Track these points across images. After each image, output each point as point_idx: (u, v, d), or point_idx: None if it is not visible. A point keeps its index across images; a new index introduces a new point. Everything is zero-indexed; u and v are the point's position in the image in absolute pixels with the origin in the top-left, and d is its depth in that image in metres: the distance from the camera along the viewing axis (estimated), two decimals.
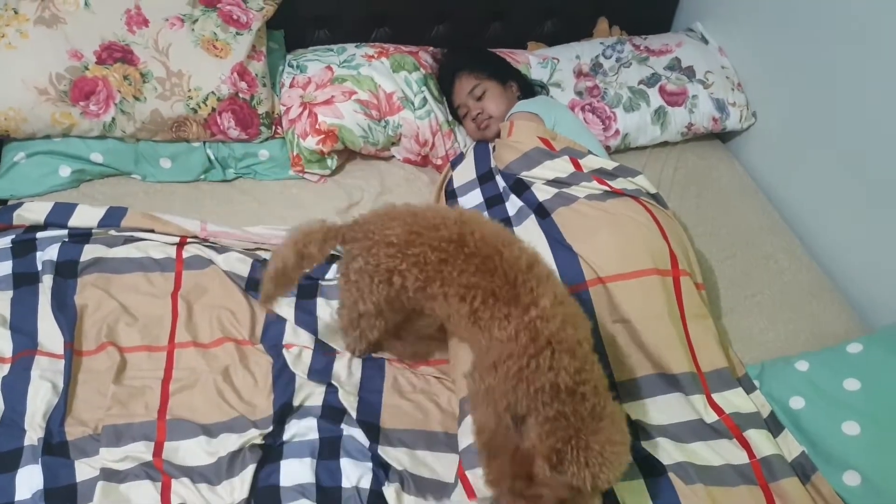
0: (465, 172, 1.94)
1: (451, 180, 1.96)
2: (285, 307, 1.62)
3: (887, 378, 1.43)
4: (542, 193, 1.73)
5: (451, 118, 2.07)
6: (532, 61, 2.23)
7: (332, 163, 1.98)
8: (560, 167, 1.76)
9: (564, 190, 1.71)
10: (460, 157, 2.00)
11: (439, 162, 2.06)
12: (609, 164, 1.79)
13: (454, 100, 2.05)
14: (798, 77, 1.99)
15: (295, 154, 1.94)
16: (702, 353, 1.56)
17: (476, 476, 1.29)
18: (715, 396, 1.52)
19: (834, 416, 1.44)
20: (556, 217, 1.66)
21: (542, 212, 1.69)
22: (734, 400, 1.52)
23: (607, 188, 1.71)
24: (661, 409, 1.50)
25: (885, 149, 1.72)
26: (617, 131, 2.12)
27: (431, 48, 2.19)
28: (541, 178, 1.75)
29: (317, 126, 1.91)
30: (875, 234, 1.80)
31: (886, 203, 1.75)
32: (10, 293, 1.56)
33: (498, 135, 1.95)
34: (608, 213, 1.64)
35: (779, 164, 2.13)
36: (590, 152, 1.82)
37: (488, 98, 2.00)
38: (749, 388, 1.56)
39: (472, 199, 1.87)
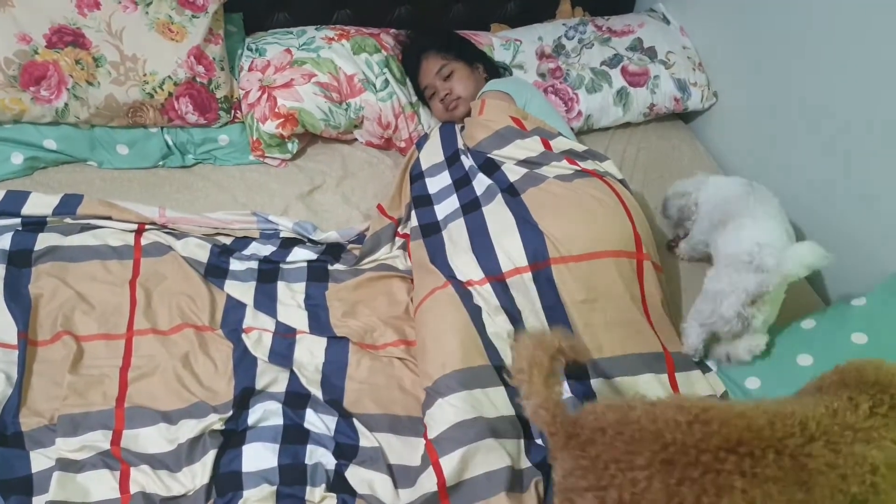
0: (433, 154, 1.91)
1: (417, 163, 1.93)
2: (246, 292, 1.61)
3: (838, 354, 1.45)
4: (513, 174, 1.72)
5: (414, 100, 2.05)
6: (495, 43, 2.22)
7: (292, 147, 1.96)
8: (531, 146, 1.76)
9: (535, 170, 1.71)
10: (424, 139, 1.97)
11: (402, 144, 2.05)
12: (578, 147, 1.80)
13: (420, 80, 2.03)
14: (759, 56, 2.00)
15: (255, 138, 1.92)
16: (664, 334, 1.58)
17: (449, 462, 1.29)
18: (678, 376, 1.53)
19: (789, 394, 1.45)
20: (524, 198, 1.66)
21: (512, 191, 1.69)
22: (694, 382, 1.53)
23: (577, 167, 1.71)
24: (628, 390, 1.50)
25: (847, 127, 1.74)
26: (579, 113, 2.12)
27: (393, 30, 2.17)
28: (511, 158, 1.75)
29: (276, 110, 1.89)
30: (835, 212, 1.82)
31: (846, 181, 1.77)
32: None
33: (466, 115, 1.94)
34: (576, 192, 1.64)
35: (740, 144, 2.14)
36: (560, 134, 1.82)
37: (456, 79, 1.98)
38: (704, 369, 1.58)
39: (441, 182, 1.85)
